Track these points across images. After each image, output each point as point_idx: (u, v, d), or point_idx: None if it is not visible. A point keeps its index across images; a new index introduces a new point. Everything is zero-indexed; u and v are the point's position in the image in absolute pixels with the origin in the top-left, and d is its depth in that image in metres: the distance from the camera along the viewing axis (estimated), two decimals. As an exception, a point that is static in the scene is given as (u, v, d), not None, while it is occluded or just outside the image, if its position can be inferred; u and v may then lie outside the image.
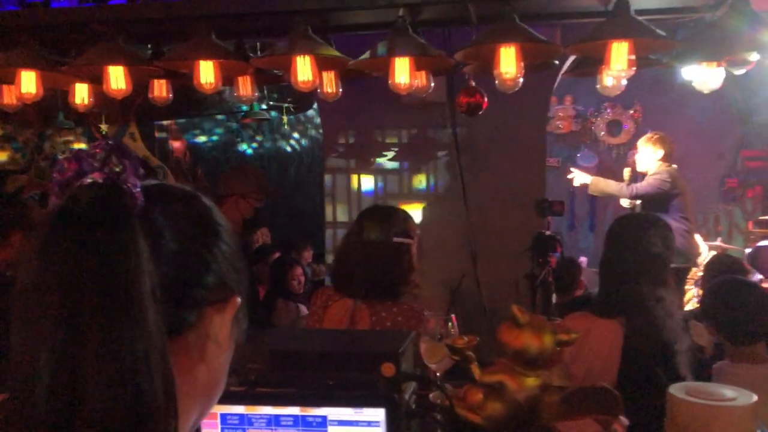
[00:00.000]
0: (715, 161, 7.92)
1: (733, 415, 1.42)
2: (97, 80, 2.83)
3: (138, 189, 0.70)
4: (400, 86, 2.36)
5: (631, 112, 7.95)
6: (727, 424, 1.42)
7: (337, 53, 2.48)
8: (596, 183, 5.22)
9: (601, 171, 8.00)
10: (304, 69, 2.41)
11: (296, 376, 1.53)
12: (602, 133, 8.04)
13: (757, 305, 2.40)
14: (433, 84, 2.62)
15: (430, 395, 1.88)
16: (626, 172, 5.35)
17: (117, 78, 2.73)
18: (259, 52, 3.57)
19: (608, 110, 8.01)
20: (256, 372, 1.53)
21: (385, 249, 2.26)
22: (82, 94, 3.19)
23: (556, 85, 4.25)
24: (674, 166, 5.34)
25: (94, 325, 0.61)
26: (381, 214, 2.38)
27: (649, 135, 5.19)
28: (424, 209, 4.32)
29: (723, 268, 3.45)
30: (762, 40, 2.09)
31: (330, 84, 2.73)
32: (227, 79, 2.80)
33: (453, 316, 1.98)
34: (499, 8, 2.20)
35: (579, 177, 5.45)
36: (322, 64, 2.55)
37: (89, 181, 0.67)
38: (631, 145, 7.92)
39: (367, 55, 2.39)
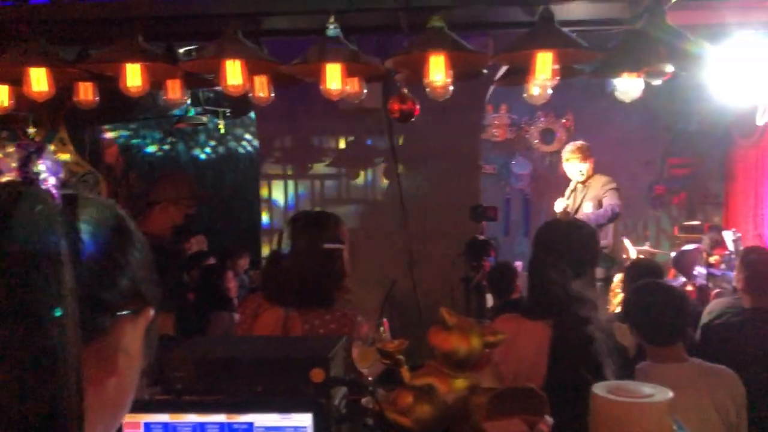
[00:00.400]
0: (643, 168, 8.23)
1: (651, 411, 1.47)
2: (18, 82, 2.73)
3: (56, 191, 0.68)
4: (331, 92, 2.37)
5: (563, 120, 8.19)
6: (645, 419, 1.47)
7: (267, 57, 2.46)
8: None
9: (534, 178, 8.22)
10: (234, 73, 2.39)
11: (223, 383, 1.51)
12: (536, 141, 8.25)
13: (675, 307, 2.48)
14: (366, 91, 2.64)
15: (363, 400, 1.88)
16: (561, 209, 5.40)
17: (38, 80, 2.64)
18: (194, 56, 3.52)
19: (541, 119, 8.23)
20: (182, 380, 1.50)
21: (316, 256, 2.25)
22: (2, 96, 3.07)
23: (489, 93, 4.34)
24: None
25: (6, 329, 0.59)
26: (310, 220, 2.36)
27: (571, 147, 5.30)
28: (362, 215, 4.33)
29: (642, 272, 3.58)
30: (677, 51, 2.19)
31: (262, 88, 2.71)
32: (155, 82, 2.75)
33: (385, 320, 1.99)
34: (429, 17, 2.23)
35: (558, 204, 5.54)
36: (253, 69, 2.53)
37: (6, 179, 0.67)
38: (563, 153, 8.17)
39: (298, 60, 2.39)
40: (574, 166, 5.25)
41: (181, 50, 3.13)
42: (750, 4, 3.55)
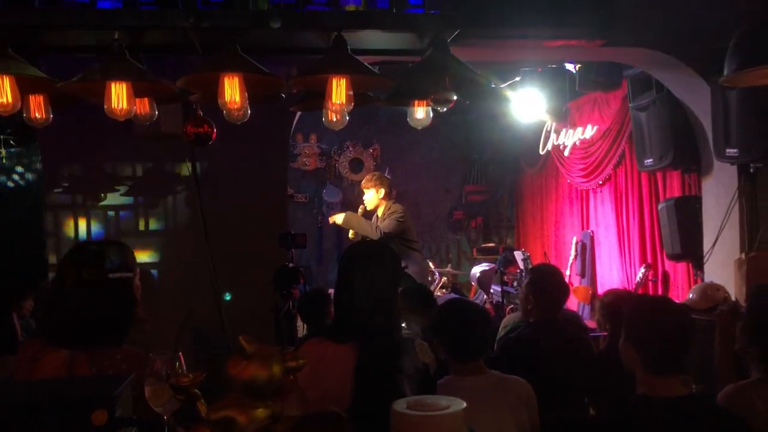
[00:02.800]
0: (444, 196, 8.76)
1: (447, 422, 1.52)
2: None
3: None
4: (117, 112, 2.21)
5: (371, 150, 8.49)
6: (440, 430, 1.51)
7: (41, 74, 2.24)
8: (349, 218, 5.38)
9: (345, 205, 8.39)
10: (1, 91, 2.14)
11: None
12: (345, 170, 8.45)
13: (480, 324, 2.63)
14: (157, 113, 2.50)
15: (158, 442, 1.74)
16: (360, 209, 5.54)
17: None
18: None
19: (350, 149, 8.47)
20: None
21: (102, 288, 2.06)
22: None
23: (296, 122, 4.35)
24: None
25: None
26: (91, 251, 2.16)
27: (368, 177, 5.45)
28: (163, 246, 4.11)
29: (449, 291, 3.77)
30: (461, 81, 2.35)
31: (38, 109, 2.46)
32: None
33: (180, 354, 1.86)
34: (222, 39, 2.18)
35: (336, 218, 5.57)
36: (26, 87, 2.29)
37: None
38: (372, 182, 8.45)
39: (78, 78, 2.20)
40: (366, 194, 5.43)
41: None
42: (527, 44, 3.94)
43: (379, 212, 5.37)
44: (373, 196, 5.36)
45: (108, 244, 2.28)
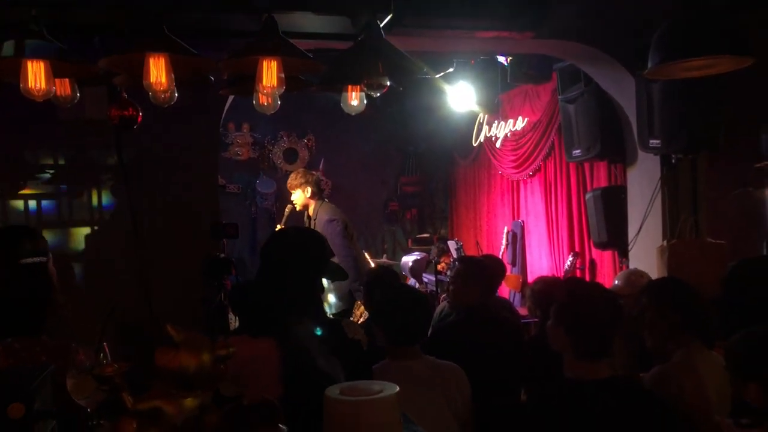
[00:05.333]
0: (380, 187, 8.78)
1: (379, 406, 1.52)
2: None
3: None
4: (33, 92, 2.10)
5: (306, 141, 8.40)
6: (374, 415, 1.51)
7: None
8: None
9: (279, 197, 8.29)
10: None
11: None
12: (279, 160, 8.34)
13: (419, 309, 2.66)
14: (79, 95, 2.39)
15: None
16: (287, 209, 5.30)
17: None
18: None
19: (284, 139, 8.35)
20: None
21: (14, 275, 1.97)
22: None
23: (226, 108, 4.26)
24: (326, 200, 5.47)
25: None
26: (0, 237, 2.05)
27: (292, 176, 5.18)
28: (88, 237, 3.95)
29: (378, 279, 3.76)
30: (395, 68, 2.35)
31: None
32: None
33: (105, 345, 1.80)
34: (149, 19, 2.10)
35: None
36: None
37: None
38: (307, 172, 8.37)
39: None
40: (293, 194, 5.16)
41: None
42: (460, 34, 3.98)
43: (310, 211, 5.18)
44: (299, 196, 5.13)
45: (17, 229, 2.18)
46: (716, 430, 1.94)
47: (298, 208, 5.20)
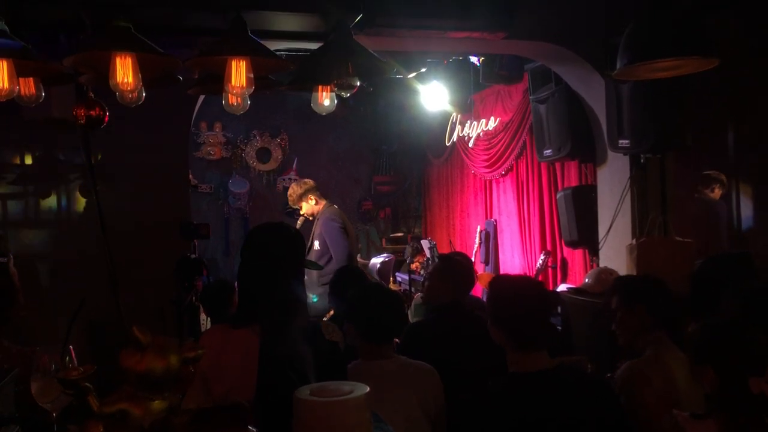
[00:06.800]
0: (353, 186, 8.77)
1: (349, 406, 1.51)
2: None
3: None
4: (-5, 91, 2.05)
5: (278, 140, 8.35)
6: (344, 416, 1.50)
7: None
8: None
9: (252, 197, 8.23)
10: None
11: None
12: (252, 160, 8.28)
13: (393, 308, 2.67)
14: (44, 94, 2.34)
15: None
16: (300, 221, 5.27)
17: None
18: None
19: (257, 138, 8.29)
20: None
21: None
22: None
23: (197, 108, 4.21)
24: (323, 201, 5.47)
25: None
26: None
27: (289, 193, 5.21)
28: (56, 238, 3.88)
29: (349, 278, 3.74)
30: (364, 68, 2.34)
31: None
32: None
33: (71, 348, 1.77)
34: (114, 17, 2.06)
35: None
36: None
37: None
38: (280, 172, 8.32)
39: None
40: (302, 209, 5.21)
41: None
42: (432, 35, 3.98)
43: (317, 214, 5.24)
44: (306, 207, 5.22)
45: None
46: (674, 424, 1.97)
47: (310, 218, 5.25)
